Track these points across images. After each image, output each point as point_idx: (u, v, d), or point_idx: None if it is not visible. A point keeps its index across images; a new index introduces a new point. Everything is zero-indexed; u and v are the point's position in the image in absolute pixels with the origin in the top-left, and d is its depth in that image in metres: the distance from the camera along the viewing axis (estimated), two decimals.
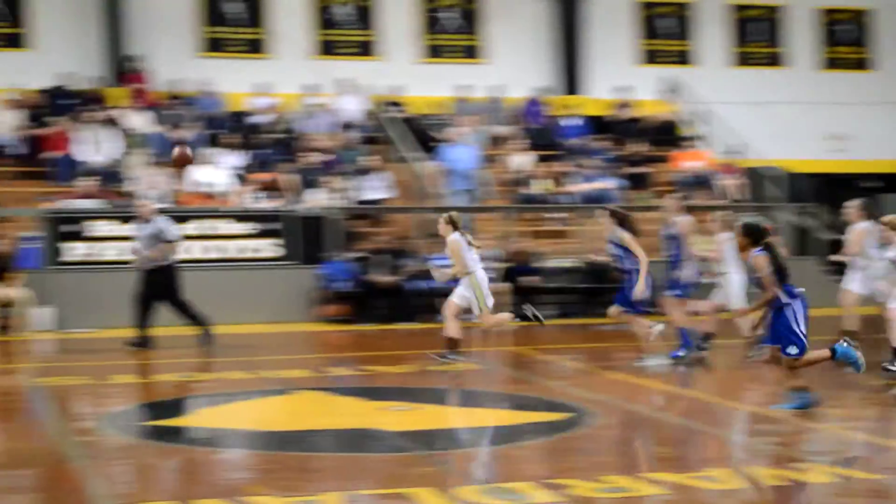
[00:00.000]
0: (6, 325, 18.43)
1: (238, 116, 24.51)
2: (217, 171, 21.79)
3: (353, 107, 25.01)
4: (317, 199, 21.30)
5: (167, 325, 18.43)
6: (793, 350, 10.49)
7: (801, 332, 10.50)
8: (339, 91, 25.11)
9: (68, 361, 15.45)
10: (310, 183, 21.77)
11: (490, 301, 14.11)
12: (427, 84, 26.06)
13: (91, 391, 13.34)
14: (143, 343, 16.12)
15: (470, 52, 27.63)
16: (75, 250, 19.38)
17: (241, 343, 17.06)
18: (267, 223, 20.46)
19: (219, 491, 8.10)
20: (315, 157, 22.52)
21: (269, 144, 23.31)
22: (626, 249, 13.95)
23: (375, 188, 22.23)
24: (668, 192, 18.15)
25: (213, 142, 22.92)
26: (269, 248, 20.40)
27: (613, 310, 14.42)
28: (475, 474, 8.83)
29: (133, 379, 13.91)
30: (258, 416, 11.68)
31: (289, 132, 23.97)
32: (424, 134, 24.26)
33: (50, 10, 25.09)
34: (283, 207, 21.01)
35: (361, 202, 21.99)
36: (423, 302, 20.01)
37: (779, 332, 10.57)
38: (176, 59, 25.28)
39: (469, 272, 13.97)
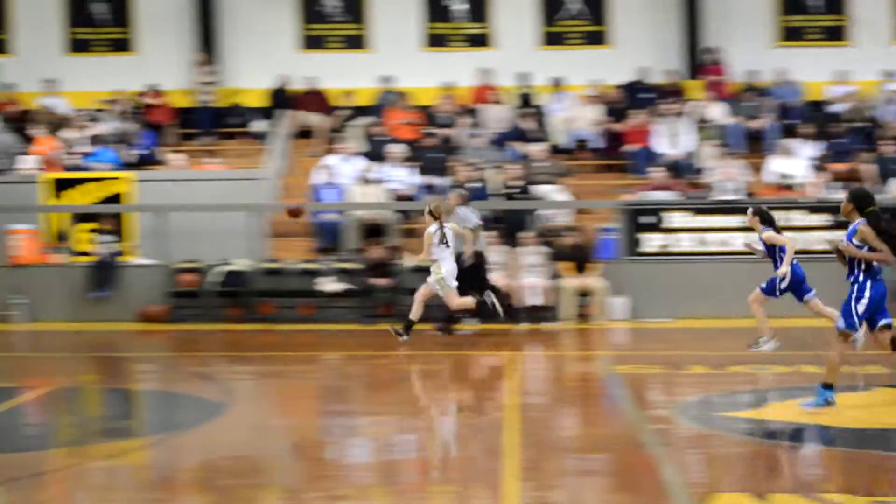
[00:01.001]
0: (585, 313, 19.07)
1: (815, 105, 24.05)
2: (794, 162, 21.50)
3: None
4: None
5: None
6: (840, 323, 10.61)
7: (858, 312, 10.58)
8: None
9: (643, 350, 15.78)
10: (889, 173, 20.99)
11: (453, 284, 16.17)
12: None
13: (665, 380, 13.58)
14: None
15: None
16: (652, 241, 19.70)
17: (814, 337, 16.73)
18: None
19: (794, 486, 8.02)
20: (895, 146, 21.68)
21: (846, 133, 22.70)
22: (772, 248, 13.80)
23: None
24: None
25: (790, 132, 22.63)
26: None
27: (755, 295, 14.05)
28: None
29: (705, 369, 13.99)
30: (832, 413, 11.42)
31: (868, 120, 23.21)
32: None
33: (629, 6, 25.74)
34: None
35: None
36: None
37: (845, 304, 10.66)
38: (752, 49, 25.19)
39: (434, 261, 16.11)
